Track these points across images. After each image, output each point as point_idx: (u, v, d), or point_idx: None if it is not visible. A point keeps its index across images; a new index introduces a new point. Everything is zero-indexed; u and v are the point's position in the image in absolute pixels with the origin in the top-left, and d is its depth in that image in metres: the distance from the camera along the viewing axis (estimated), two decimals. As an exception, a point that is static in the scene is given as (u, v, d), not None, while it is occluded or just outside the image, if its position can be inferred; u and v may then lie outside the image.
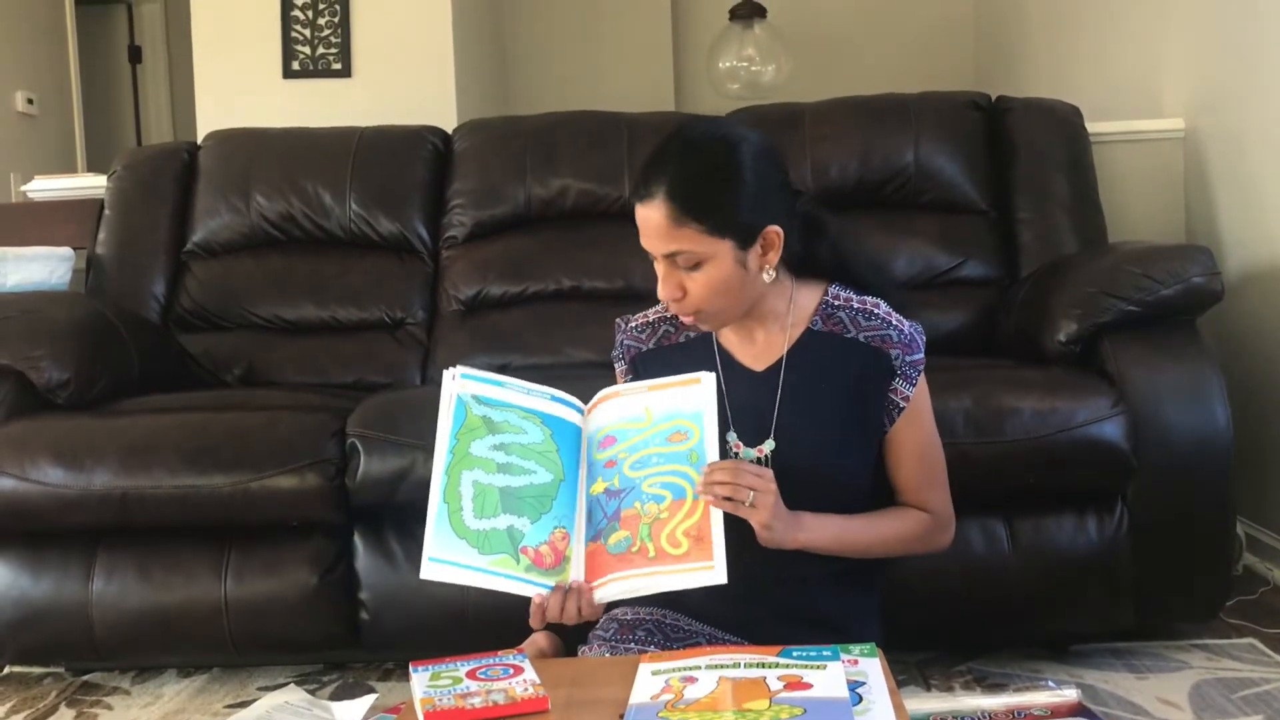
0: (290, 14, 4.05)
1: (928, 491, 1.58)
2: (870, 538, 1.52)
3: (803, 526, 1.44)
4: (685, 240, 1.43)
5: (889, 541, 1.54)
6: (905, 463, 1.57)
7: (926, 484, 1.58)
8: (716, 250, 1.44)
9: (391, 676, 2.23)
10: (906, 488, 1.58)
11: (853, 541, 1.50)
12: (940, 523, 1.59)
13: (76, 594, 2.15)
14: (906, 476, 1.57)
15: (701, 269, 1.45)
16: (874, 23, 5.45)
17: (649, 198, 1.44)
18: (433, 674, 1.28)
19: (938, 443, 1.61)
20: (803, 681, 1.20)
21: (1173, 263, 2.13)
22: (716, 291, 1.46)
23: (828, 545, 1.47)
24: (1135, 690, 2.01)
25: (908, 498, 1.58)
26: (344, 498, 2.13)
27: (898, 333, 1.53)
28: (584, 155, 2.88)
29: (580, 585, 1.40)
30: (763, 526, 1.39)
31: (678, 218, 1.43)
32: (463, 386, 1.43)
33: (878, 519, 1.54)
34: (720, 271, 1.45)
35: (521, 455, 1.42)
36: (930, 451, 1.59)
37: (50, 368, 2.28)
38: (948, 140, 2.78)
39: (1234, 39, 2.80)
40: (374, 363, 2.76)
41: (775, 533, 1.40)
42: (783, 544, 1.42)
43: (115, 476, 2.11)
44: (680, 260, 1.45)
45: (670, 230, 1.43)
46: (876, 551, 1.54)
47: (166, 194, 2.96)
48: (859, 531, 1.51)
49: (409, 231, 2.90)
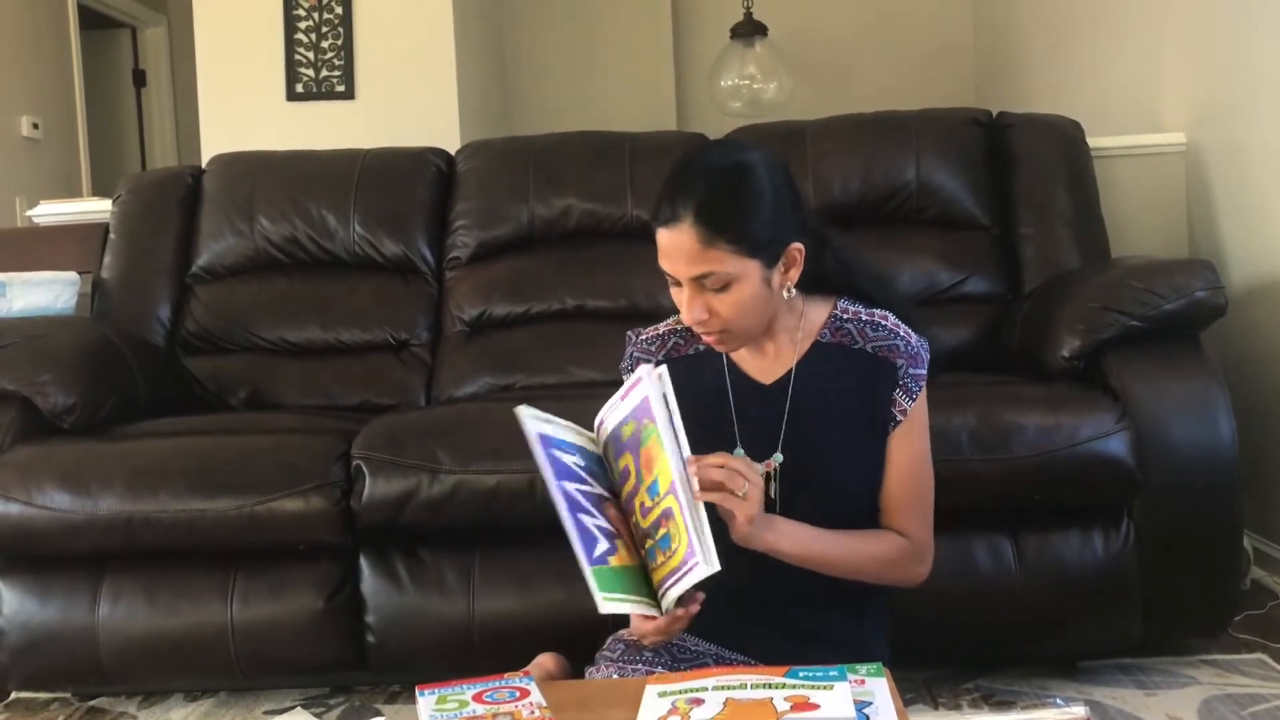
0: (294, 37, 4.07)
1: (910, 515, 1.54)
2: (840, 553, 1.49)
3: (774, 528, 1.43)
4: (715, 261, 1.44)
5: (860, 561, 1.50)
6: (892, 478, 1.53)
7: (910, 506, 1.54)
8: (745, 270, 1.45)
9: (398, 699, 2.22)
10: (888, 507, 1.54)
11: (821, 553, 1.47)
12: (917, 551, 1.55)
13: (83, 619, 2.16)
14: (890, 494, 1.54)
15: (729, 290, 1.45)
16: (875, 40, 5.48)
17: (675, 221, 1.44)
18: (439, 697, 1.28)
19: (929, 467, 1.57)
20: (809, 702, 1.20)
21: (1176, 277, 2.13)
22: (744, 312, 1.47)
23: (796, 552, 1.45)
24: (1144, 707, 2.00)
25: (888, 519, 1.54)
26: (350, 520, 2.13)
27: (904, 343, 1.53)
28: (587, 175, 2.89)
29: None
30: (747, 521, 1.38)
31: (708, 239, 1.42)
32: (538, 427, 1.39)
33: (852, 537, 1.51)
34: (748, 291, 1.46)
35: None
36: (919, 472, 1.56)
37: (56, 393, 2.28)
38: (949, 157, 2.79)
39: (1233, 52, 2.81)
40: (379, 384, 2.76)
41: (753, 528, 1.39)
42: (752, 541, 1.40)
43: (121, 501, 2.11)
44: (709, 282, 1.45)
45: (700, 252, 1.43)
46: (846, 570, 1.50)
47: (171, 218, 2.98)
48: (829, 545, 1.48)
49: (413, 253, 2.91)
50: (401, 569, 2.16)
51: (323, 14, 4.08)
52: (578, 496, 1.37)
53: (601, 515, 1.38)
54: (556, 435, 1.41)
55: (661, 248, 1.47)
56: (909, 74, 5.35)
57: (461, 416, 2.30)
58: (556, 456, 1.37)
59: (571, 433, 1.43)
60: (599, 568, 1.34)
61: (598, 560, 1.34)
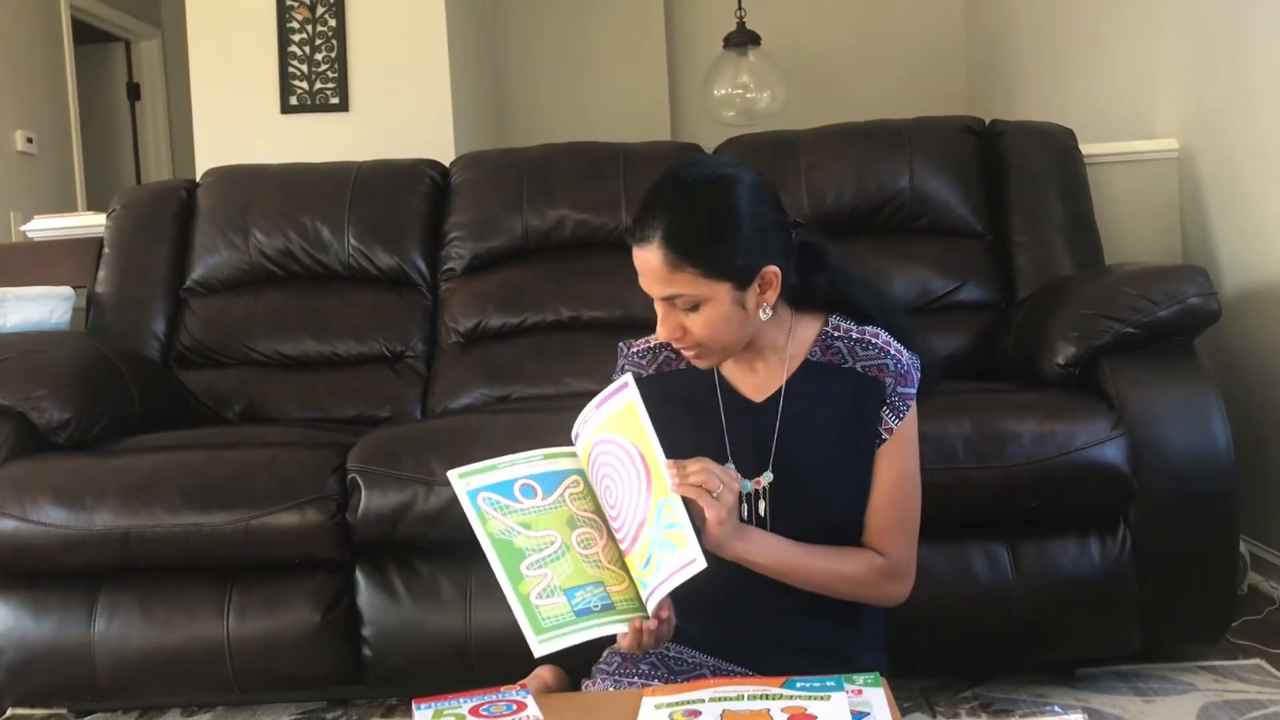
0: (288, 50, 4.08)
1: (891, 534, 1.52)
2: (810, 567, 1.47)
3: (745, 537, 1.43)
4: (682, 284, 1.44)
5: (830, 577, 1.49)
6: (875, 497, 1.52)
7: (892, 525, 1.52)
8: (714, 293, 1.44)
9: (395, 713, 2.22)
10: (871, 523, 1.52)
11: (791, 565, 1.46)
12: (895, 570, 1.52)
13: (79, 635, 2.15)
14: (874, 512, 1.52)
15: (699, 310, 1.45)
16: (867, 49, 5.49)
17: (645, 241, 1.44)
18: (435, 711, 1.28)
19: (915, 488, 1.55)
20: (806, 713, 1.20)
21: (1169, 284, 2.14)
22: (715, 331, 1.46)
23: (765, 563, 1.44)
24: (1142, 714, 2.00)
25: (869, 536, 1.52)
26: (346, 534, 2.13)
27: (895, 362, 1.52)
28: (581, 186, 2.90)
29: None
30: (717, 522, 1.37)
31: (674, 263, 1.43)
32: (468, 484, 1.42)
33: (824, 552, 1.49)
34: (718, 312, 1.45)
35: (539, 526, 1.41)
36: (904, 492, 1.54)
37: (51, 408, 2.28)
38: (942, 165, 2.79)
39: (1225, 59, 2.82)
40: (374, 397, 2.76)
41: (724, 532, 1.38)
42: (723, 548, 1.39)
43: (117, 516, 2.11)
44: (679, 302, 1.46)
45: (667, 274, 1.44)
46: (817, 585, 1.49)
47: (166, 232, 2.97)
48: (800, 558, 1.47)
49: (407, 265, 2.91)
50: (398, 582, 2.16)
51: (316, 26, 4.08)
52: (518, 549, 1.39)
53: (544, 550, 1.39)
54: (499, 479, 1.42)
55: (637, 265, 1.47)
56: (902, 83, 5.37)
57: (457, 428, 2.30)
58: (490, 514, 1.40)
59: (523, 464, 1.43)
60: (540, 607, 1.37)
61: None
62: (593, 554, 1.40)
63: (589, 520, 1.42)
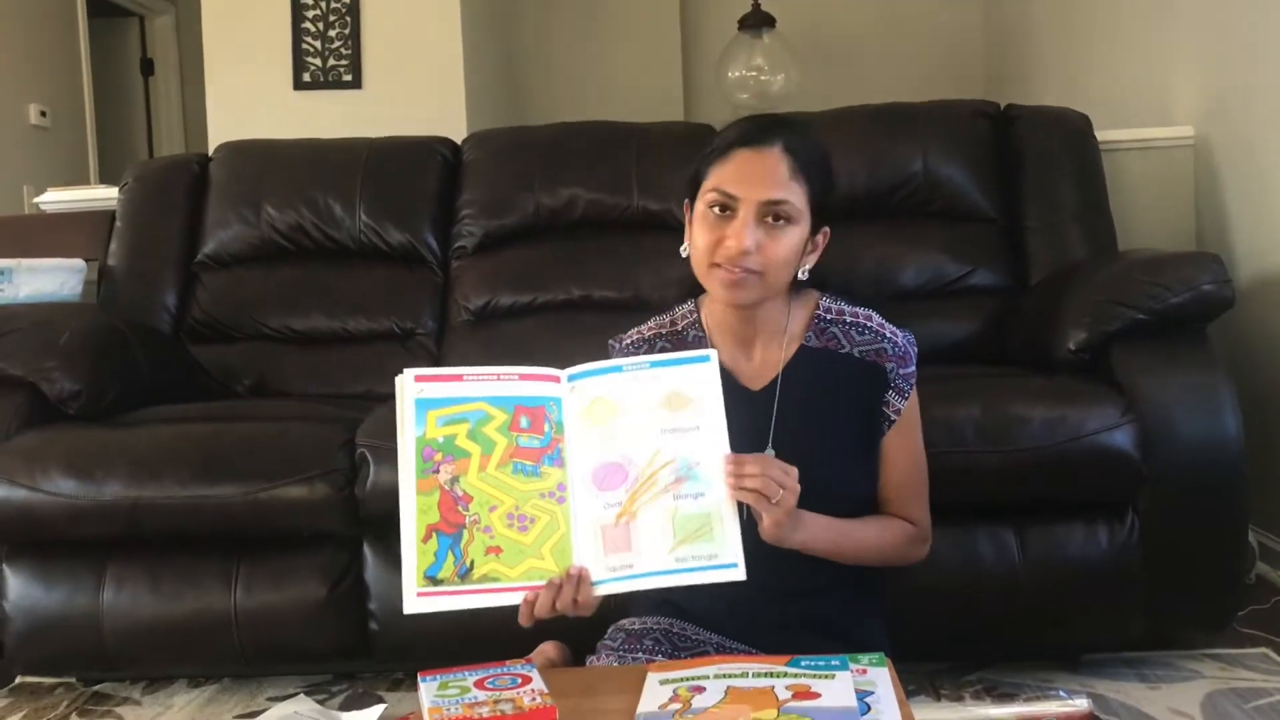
0: (301, 26, 4.08)
1: (911, 503, 1.59)
2: (862, 540, 1.53)
3: (803, 525, 1.44)
4: (793, 193, 1.47)
5: (880, 547, 1.55)
6: (891, 474, 1.57)
7: (911, 496, 1.59)
8: (803, 217, 1.49)
9: (401, 686, 2.23)
10: (891, 498, 1.58)
11: (841, 544, 1.50)
12: (922, 534, 1.61)
13: (87, 605, 2.16)
14: (892, 487, 1.58)
15: (784, 230, 1.47)
16: (883, 32, 5.46)
17: (767, 144, 1.47)
18: (441, 684, 1.28)
19: (923, 455, 1.62)
20: (811, 691, 1.20)
21: (1183, 270, 2.12)
22: (783, 258, 1.48)
23: (823, 547, 1.47)
24: (1147, 700, 2.00)
25: (891, 508, 1.58)
26: (354, 508, 2.13)
27: (892, 345, 1.53)
28: (593, 165, 2.89)
29: (582, 573, 1.33)
30: (775, 524, 1.37)
31: (794, 172, 1.47)
32: (419, 391, 1.34)
33: (868, 524, 1.55)
34: (796, 238, 1.49)
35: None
36: (917, 463, 1.61)
37: (62, 379, 2.29)
38: (956, 149, 2.78)
39: (1243, 46, 2.79)
40: (384, 373, 2.73)
41: (783, 530, 1.39)
42: (785, 541, 1.41)
43: (126, 487, 2.11)
44: (778, 210, 1.46)
45: (785, 179, 1.47)
46: (868, 556, 1.54)
47: (178, 205, 2.98)
48: (852, 534, 1.51)
49: (419, 242, 2.91)
50: (405, 557, 2.16)
51: (330, 3, 4.08)
52: None
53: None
54: (451, 394, 1.35)
55: (738, 169, 1.47)
56: (917, 67, 5.33)
57: (466, 405, 2.30)
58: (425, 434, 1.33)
59: (481, 384, 1.36)
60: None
61: None
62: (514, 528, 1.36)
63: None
